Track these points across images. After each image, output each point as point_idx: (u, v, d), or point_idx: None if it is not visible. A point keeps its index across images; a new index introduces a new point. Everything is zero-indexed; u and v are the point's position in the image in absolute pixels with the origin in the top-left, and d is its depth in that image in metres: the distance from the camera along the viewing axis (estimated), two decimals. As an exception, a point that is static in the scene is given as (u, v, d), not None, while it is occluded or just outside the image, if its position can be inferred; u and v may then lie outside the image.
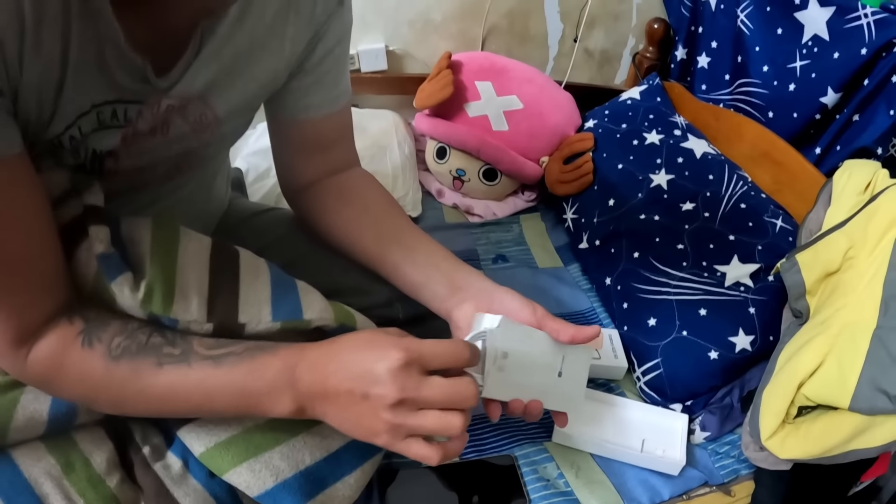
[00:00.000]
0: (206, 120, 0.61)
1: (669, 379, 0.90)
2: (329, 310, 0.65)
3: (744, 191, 1.09)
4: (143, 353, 0.51)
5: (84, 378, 0.51)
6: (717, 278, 0.95)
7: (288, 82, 0.68)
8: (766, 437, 0.82)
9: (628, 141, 1.18)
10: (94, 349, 0.51)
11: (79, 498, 0.53)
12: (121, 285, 0.53)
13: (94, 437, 0.57)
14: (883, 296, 0.82)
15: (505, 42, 1.41)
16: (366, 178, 0.79)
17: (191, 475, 0.58)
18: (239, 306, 0.59)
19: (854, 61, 1.04)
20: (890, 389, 0.75)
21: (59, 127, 0.50)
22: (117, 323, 0.52)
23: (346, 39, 0.71)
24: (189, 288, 0.56)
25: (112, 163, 0.57)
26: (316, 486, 0.60)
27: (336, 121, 0.74)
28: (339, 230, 0.74)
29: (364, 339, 0.53)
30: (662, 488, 0.82)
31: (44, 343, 0.50)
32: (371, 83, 1.37)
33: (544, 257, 1.18)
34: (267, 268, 0.66)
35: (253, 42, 0.59)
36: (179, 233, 0.61)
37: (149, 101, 0.54)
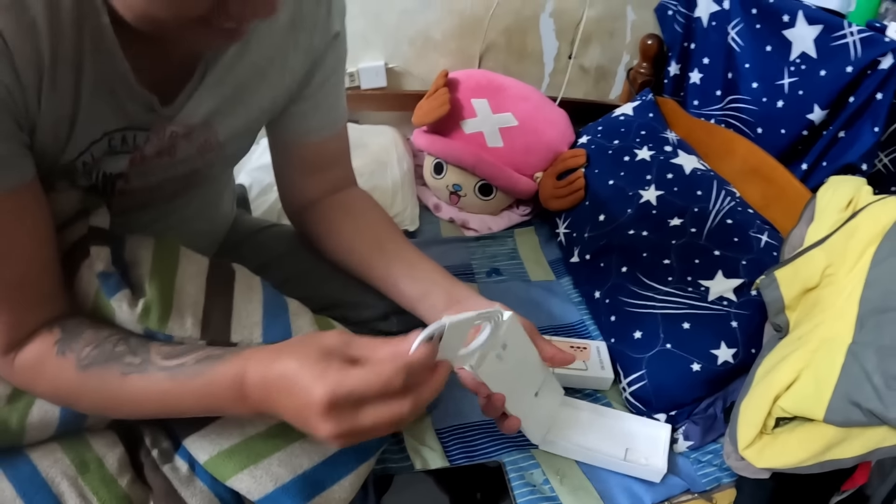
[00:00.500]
0: (209, 143, 0.65)
1: (654, 390, 0.94)
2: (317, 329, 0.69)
3: (731, 206, 1.13)
4: (109, 363, 0.54)
5: (59, 386, 0.55)
6: (701, 293, 0.99)
7: (287, 108, 0.72)
8: (743, 447, 0.86)
9: (620, 157, 1.22)
10: (66, 358, 0.54)
11: (93, 496, 0.57)
12: (120, 301, 0.57)
13: (106, 439, 0.61)
14: (859, 312, 0.85)
15: (502, 59, 1.45)
16: (364, 197, 0.83)
17: (197, 478, 0.62)
18: (231, 327, 0.63)
19: (840, 79, 1.07)
20: (863, 403, 0.78)
21: (72, 154, 0.55)
22: (89, 332, 0.55)
23: (341, 67, 0.75)
24: (185, 308, 0.61)
25: (122, 183, 0.62)
26: (313, 488, 0.63)
27: (334, 142, 0.79)
28: (342, 246, 0.78)
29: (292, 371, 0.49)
30: (644, 495, 0.86)
31: (27, 349, 0.55)
32: (371, 100, 1.42)
33: (537, 271, 1.22)
34: (261, 289, 0.69)
35: (253, 73, 0.64)
36: (179, 255, 0.66)
37: (155, 127, 0.59)
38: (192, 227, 0.76)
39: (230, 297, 0.65)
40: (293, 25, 0.65)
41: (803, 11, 1.13)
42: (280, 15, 0.63)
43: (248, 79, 0.64)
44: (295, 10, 0.64)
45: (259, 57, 0.63)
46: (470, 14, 1.39)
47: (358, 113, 1.43)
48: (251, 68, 0.63)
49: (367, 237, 0.77)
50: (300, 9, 0.65)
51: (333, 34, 0.69)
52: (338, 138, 0.79)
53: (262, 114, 0.70)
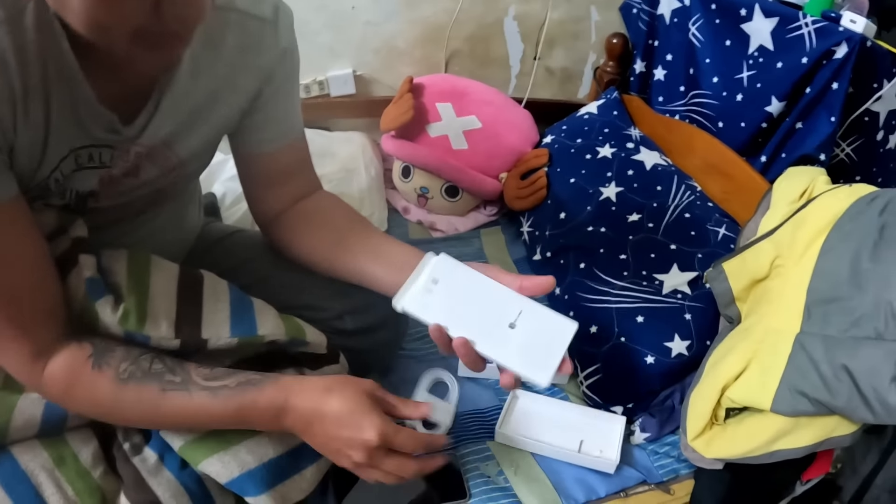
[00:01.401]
0: (170, 163, 0.70)
1: (609, 383, 0.96)
2: (281, 326, 0.75)
3: (690, 200, 1.15)
4: (147, 379, 0.61)
5: (95, 398, 0.61)
6: (655, 287, 1.01)
7: (241, 121, 0.76)
8: (691, 438, 0.88)
9: (581, 155, 1.25)
10: (103, 372, 0.60)
11: (68, 487, 0.63)
12: (103, 306, 0.63)
13: (82, 435, 0.67)
14: (806, 302, 0.87)
15: (467, 65, 1.48)
16: (328, 199, 0.86)
17: (165, 467, 0.68)
18: (202, 326, 0.69)
19: (796, 70, 1.08)
20: (810, 392, 0.80)
21: (44, 172, 0.59)
22: (122, 349, 0.62)
23: (293, 77, 0.78)
24: (158, 311, 0.67)
25: (93, 202, 0.67)
26: (277, 476, 0.70)
27: (291, 152, 0.82)
28: (312, 253, 0.81)
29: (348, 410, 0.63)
30: (599, 486, 0.88)
31: (58, 360, 0.60)
32: (340, 107, 1.45)
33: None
34: (228, 290, 0.75)
35: (207, 95, 0.68)
36: (151, 264, 0.71)
37: (119, 147, 0.64)
38: (160, 238, 0.80)
39: (199, 300, 0.72)
40: (241, 48, 0.68)
41: (760, 5, 1.14)
42: (227, 39, 0.67)
43: (202, 101, 0.68)
44: (241, 33, 0.68)
45: (211, 80, 0.67)
46: (433, 23, 1.42)
47: (328, 120, 1.46)
48: (204, 91, 0.67)
49: (328, 236, 0.81)
50: (246, 30, 0.68)
51: (282, 49, 0.73)
52: (294, 148, 0.82)
53: (218, 131, 0.74)
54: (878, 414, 0.75)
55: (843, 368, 0.78)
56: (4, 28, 0.51)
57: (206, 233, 0.95)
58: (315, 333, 0.78)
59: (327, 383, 0.65)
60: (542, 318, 0.67)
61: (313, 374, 0.79)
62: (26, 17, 0.52)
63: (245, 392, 0.63)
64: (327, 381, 0.65)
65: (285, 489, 0.71)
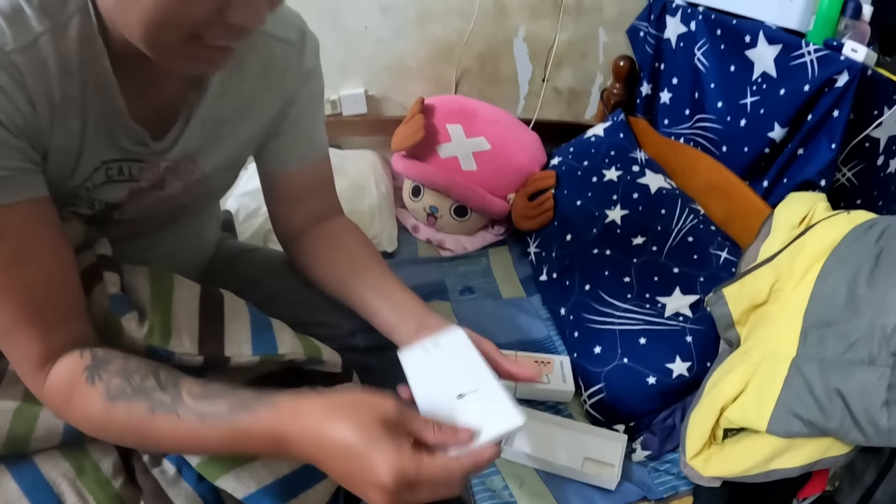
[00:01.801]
0: (194, 177, 0.73)
1: (612, 402, 1.00)
2: (299, 346, 0.77)
3: (693, 224, 1.18)
4: (137, 397, 0.57)
5: (88, 415, 0.59)
6: (658, 309, 1.05)
7: (266, 142, 0.79)
8: (690, 457, 0.91)
9: (588, 178, 1.28)
10: (95, 386, 0.58)
11: (89, 496, 0.63)
12: (129, 321, 0.65)
13: (103, 446, 0.67)
14: (803, 326, 0.90)
15: (477, 84, 1.52)
16: (349, 229, 0.89)
17: (183, 479, 0.69)
18: (224, 343, 0.71)
19: (798, 97, 1.10)
20: (804, 414, 0.83)
21: (77, 180, 0.62)
22: (118, 362, 0.60)
23: (317, 101, 0.82)
24: (182, 329, 0.68)
25: (118, 214, 0.69)
26: (291, 490, 0.71)
27: (314, 173, 0.85)
28: (328, 278, 0.85)
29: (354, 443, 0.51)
30: (600, 501, 0.91)
31: (58, 369, 0.59)
32: (352, 125, 1.49)
33: (508, 289, 1.28)
34: (247, 309, 0.78)
35: (233, 112, 0.71)
36: (173, 282, 0.74)
37: (148, 161, 0.67)
38: (180, 254, 0.84)
39: (221, 318, 0.73)
40: (266, 68, 0.72)
41: (764, 32, 1.17)
42: (254, 60, 0.70)
43: (227, 119, 0.71)
44: (266, 54, 0.71)
45: (236, 99, 0.71)
46: (444, 42, 1.46)
47: (340, 138, 1.50)
48: (230, 109, 0.71)
49: (349, 271, 0.83)
50: (271, 52, 0.72)
51: (307, 72, 0.76)
52: (318, 169, 0.86)
53: (242, 150, 0.77)
54: (870, 436, 0.78)
55: (836, 392, 0.80)
56: (48, 37, 0.54)
57: (223, 249, 0.99)
58: (331, 353, 0.79)
59: (331, 405, 0.53)
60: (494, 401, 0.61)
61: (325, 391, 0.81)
62: (70, 29, 0.55)
63: (237, 420, 0.55)
64: (332, 403, 0.54)
65: (299, 502, 0.72)
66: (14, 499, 0.61)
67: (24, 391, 0.68)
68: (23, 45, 0.52)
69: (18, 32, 0.52)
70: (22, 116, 0.54)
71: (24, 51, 0.52)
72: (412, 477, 0.49)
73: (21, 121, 0.54)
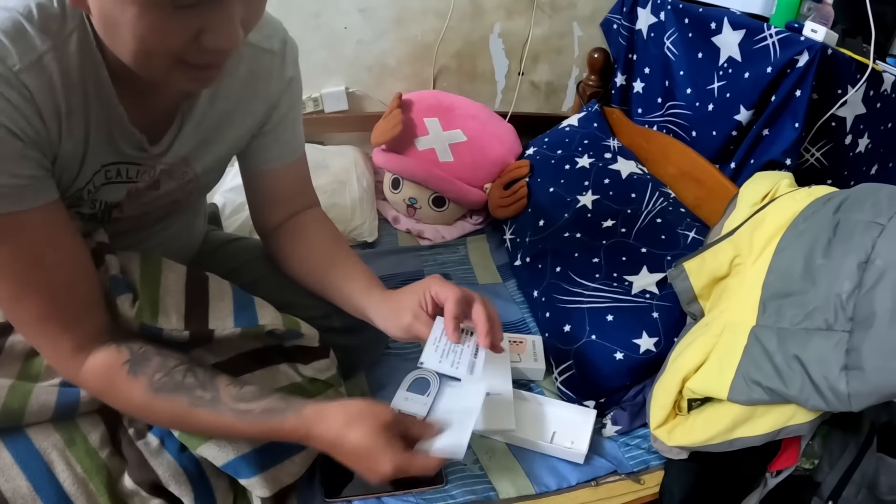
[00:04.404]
0: (187, 177, 0.80)
1: (581, 378, 1.02)
2: (279, 318, 0.84)
3: (663, 206, 1.21)
4: (179, 392, 0.67)
5: (130, 401, 0.68)
6: (625, 287, 1.07)
7: (250, 142, 0.86)
8: (654, 427, 0.93)
9: (561, 166, 1.31)
10: (138, 379, 0.67)
11: (77, 465, 0.69)
12: (123, 301, 0.72)
13: (91, 420, 0.73)
14: (762, 297, 0.92)
15: (455, 80, 1.57)
16: (317, 220, 0.95)
17: (165, 450, 0.74)
18: (209, 319, 0.78)
19: (762, 79, 1.13)
20: (763, 381, 0.85)
21: (80, 184, 0.67)
22: (158, 359, 0.69)
23: (296, 105, 0.89)
24: (170, 307, 0.75)
25: (117, 212, 0.75)
26: (269, 460, 0.76)
27: (293, 171, 0.92)
28: (292, 269, 0.93)
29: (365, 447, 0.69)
30: (570, 474, 0.93)
31: (96, 359, 0.66)
32: (334, 122, 1.54)
33: (485, 275, 1.31)
34: (230, 288, 0.85)
35: (222, 118, 0.78)
36: (162, 265, 0.80)
37: (145, 164, 0.72)
38: (172, 245, 0.89)
39: (205, 296, 0.80)
40: (252, 77, 0.78)
41: (728, 18, 1.20)
42: (241, 69, 0.76)
43: (217, 124, 0.77)
44: (252, 63, 0.78)
45: (226, 105, 0.77)
46: (421, 41, 1.51)
47: (323, 135, 1.54)
48: (220, 115, 0.77)
49: (311, 260, 0.91)
50: (257, 61, 0.78)
51: (288, 79, 0.83)
52: (296, 167, 0.92)
53: (230, 150, 0.84)
54: (830, 402, 0.79)
55: (795, 358, 0.82)
56: (52, 55, 0.59)
57: (210, 239, 1.05)
58: (308, 328, 0.87)
59: (347, 417, 0.70)
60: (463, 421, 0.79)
61: (306, 368, 0.86)
62: (70, 45, 0.60)
63: (269, 420, 0.69)
64: (347, 414, 0.70)
65: (277, 472, 0.78)
66: (6, 466, 0.67)
67: (20, 369, 0.74)
68: (28, 64, 0.57)
69: (24, 52, 0.57)
70: (34, 129, 0.59)
71: (30, 69, 0.57)
72: (404, 468, 0.68)
73: (33, 133, 0.59)
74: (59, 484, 0.68)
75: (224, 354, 0.79)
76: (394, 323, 0.82)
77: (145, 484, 0.72)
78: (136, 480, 0.72)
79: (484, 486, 0.90)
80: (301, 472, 0.82)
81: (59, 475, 0.68)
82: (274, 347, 0.85)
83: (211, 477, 0.77)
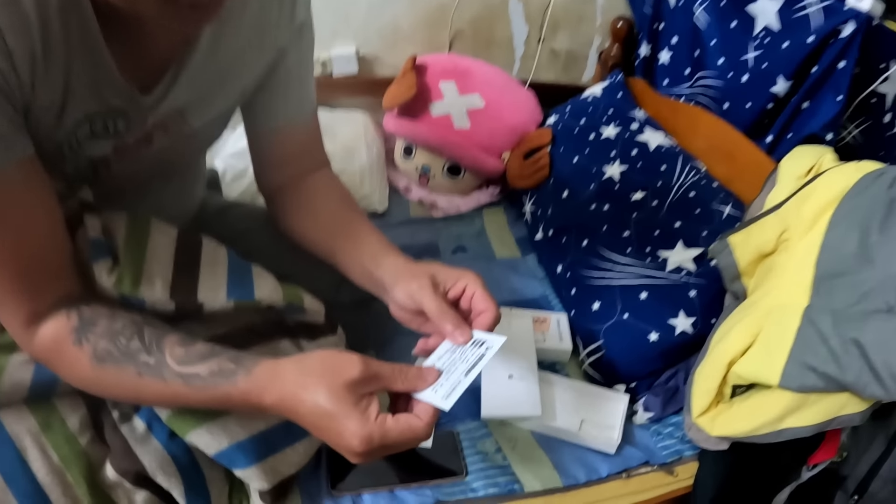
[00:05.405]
0: (183, 133, 0.67)
1: (611, 360, 0.91)
2: (279, 291, 0.73)
3: (695, 180, 1.10)
4: (124, 360, 0.56)
5: (76, 374, 0.58)
6: (659, 263, 0.96)
7: (255, 96, 0.74)
8: (696, 415, 0.83)
9: (585, 136, 1.20)
10: (83, 349, 0.56)
11: (53, 453, 0.60)
12: (100, 268, 0.60)
13: (71, 401, 0.64)
14: (815, 276, 0.83)
15: (470, 47, 1.44)
16: (325, 181, 0.83)
17: (153, 437, 0.65)
18: (198, 289, 0.67)
19: (802, 49, 1.04)
20: (819, 366, 0.76)
21: (60, 136, 0.57)
22: (104, 322, 0.57)
23: (307, 57, 0.76)
24: (155, 274, 0.64)
25: (104, 170, 0.64)
26: (267, 449, 0.67)
27: (302, 130, 0.80)
28: (298, 233, 0.80)
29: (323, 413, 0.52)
30: (600, 466, 0.83)
31: (45, 329, 0.56)
32: (343, 86, 1.41)
33: (503, 249, 1.20)
34: (226, 255, 0.73)
35: (223, 68, 0.66)
36: (150, 227, 0.69)
37: (135, 116, 0.61)
38: (165, 213, 0.77)
39: (197, 263, 0.69)
40: (259, 22, 0.67)
41: (766, -14, 1.10)
42: (246, 14, 0.65)
43: (219, 73, 0.66)
44: (259, 7, 0.66)
45: (229, 53, 0.65)
46: (436, 4, 1.38)
47: (331, 99, 1.42)
48: (222, 63, 0.65)
49: (314, 225, 0.79)
50: (263, 7, 0.67)
51: (298, 25, 0.71)
52: (307, 126, 0.80)
53: (232, 103, 0.72)
54: (890, 389, 0.71)
55: (852, 342, 0.74)
56: None
57: (207, 205, 0.93)
58: (313, 301, 0.76)
59: (302, 374, 0.54)
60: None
61: (310, 345, 0.76)
62: None
63: (217, 386, 0.55)
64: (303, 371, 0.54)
65: (276, 462, 0.67)
66: None
67: None
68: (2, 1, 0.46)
69: None
70: (2, 77, 0.48)
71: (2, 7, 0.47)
72: (378, 440, 0.51)
73: (2, 82, 0.48)
74: (32, 474, 0.59)
75: (217, 329, 0.68)
76: (402, 285, 0.66)
77: (129, 474, 0.63)
78: (120, 470, 0.62)
79: (507, 478, 0.79)
80: (304, 462, 0.71)
81: (32, 464, 0.59)
82: (274, 322, 0.74)
83: (204, 467, 0.67)
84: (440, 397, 0.55)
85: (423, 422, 0.54)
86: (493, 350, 0.59)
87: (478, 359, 0.58)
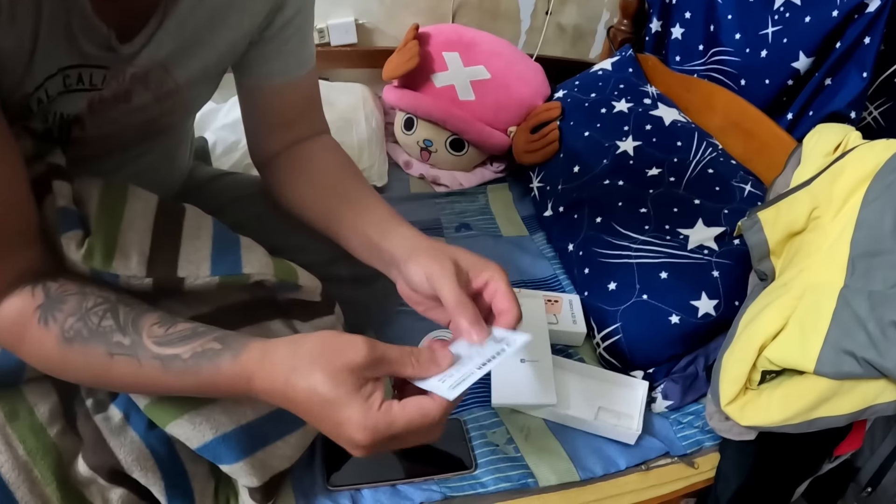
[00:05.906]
0: (166, 88, 0.60)
1: (628, 344, 0.84)
2: (270, 265, 0.64)
3: (713, 157, 1.03)
4: (94, 339, 0.49)
5: (42, 356, 0.51)
6: (680, 241, 0.89)
7: (249, 50, 0.66)
8: (725, 403, 0.76)
9: (596, 109, 1.12)
10: (49, 328, 0.49)
11: (19, 445, 0.54)
12: (69, 240, 0.53)
13: (40, 388, 0.58)
14: (850, 255, 0.76)
15: (475, 18, 1.36)
16: (324, 147, 0.74)
17: (130, 427, 0.58)
18: (178, 262, 0.58)
19: (826, 24, 0.98)
20: (857, 351, 0.69)
21: (27, 89, 0.51)
22: (74, 300, 0.51)
23: (306, 9, 0.68)
24: (130, 246, 0.56)
25: (78, 130, 0.57)
26: (256, 442, 0.59)
27: (300, 91, 0.71)
28: (294, 202, 0.71)
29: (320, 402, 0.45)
30: (618, 458, 0.76)
31: (6, 307, 0.50)
32: (341, 56, 1.32)
33: (508, 227, 1.12)
34: (211, 225, 0.64)
35: (213, 15, 0.58)
36: (127, 193, 0.60)
37: (114, 67, 0.54)
38: (148, 179, 0.69)
39: (178, 234, 0.61)
40: None
41: (787, -42, 1.03)
42: None
43: (208, 21, 0.58)
44: None
45: (219, 2, 0.58)
46: (441, -28, 1.29)
47: (328, 70, 1.33)
48: (211, 11, 0.58)
49: (322, 192, 0.69)
50: None
51: None
52: (303, 85, 0.71)
53: (221, 57, 0.64)
54: None
55: (892, 325, 0.67)
56: None
57: (195, 174, 0.85)
58: (308, 277, 0.67)
59: (296, 358, 0.47)
60: None
61: (304, 326, 0.68)
62: None
63: (200, 369, 0.49)
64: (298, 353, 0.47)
65: (265, 456, 0.60)
66: None
67: None
68: None
69: None
70: None
71: None
72: (384, 431, 0.45)
73: None
74: None
75: (201, 308, 0.60)
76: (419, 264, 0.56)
77: (103, 469, 0.55)
78: (92, 465, 0.55)
79: (520, 471, 0.71)
80: (297, 456, 0.64)
81: None
82: (265, 300, 0.66)
83: (186, 461, 0.59)
84: (446, 387, 0.47)
85: (437, 404, 0.45)
86: (514, 348, 0.51)
87: (495, 354, 0.50)
